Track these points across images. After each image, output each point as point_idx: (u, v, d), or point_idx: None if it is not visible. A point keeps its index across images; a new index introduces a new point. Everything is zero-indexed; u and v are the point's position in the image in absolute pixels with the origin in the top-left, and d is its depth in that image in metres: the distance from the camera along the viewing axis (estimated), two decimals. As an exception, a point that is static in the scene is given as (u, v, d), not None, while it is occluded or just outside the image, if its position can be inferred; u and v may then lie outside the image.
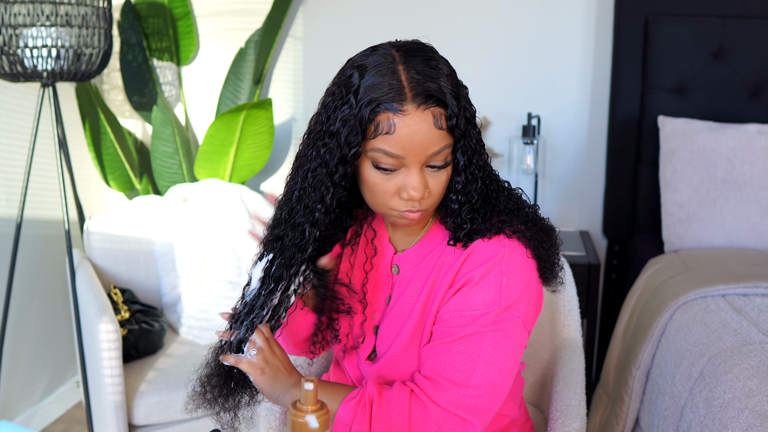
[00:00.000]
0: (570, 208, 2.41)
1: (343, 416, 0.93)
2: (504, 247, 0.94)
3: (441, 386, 0.91)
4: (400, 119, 0.86)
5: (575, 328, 1.41)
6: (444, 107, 0.88)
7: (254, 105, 2.11)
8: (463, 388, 0.90)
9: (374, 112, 0.87)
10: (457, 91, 0.90)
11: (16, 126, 2.16)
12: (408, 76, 0.87)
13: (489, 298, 0.92)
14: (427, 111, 0.87)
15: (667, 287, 1.72)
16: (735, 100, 2.16)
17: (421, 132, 0.87)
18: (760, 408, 1.15)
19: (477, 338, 0.92)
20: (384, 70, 0.88)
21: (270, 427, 1.13)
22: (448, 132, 0.89)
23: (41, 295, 2.29)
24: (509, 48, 2.35)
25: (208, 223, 2.12)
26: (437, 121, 0.87)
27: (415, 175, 0.89)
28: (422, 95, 0.86)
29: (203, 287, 2.09)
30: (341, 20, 2.43)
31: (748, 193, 1.95)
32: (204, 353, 0.99)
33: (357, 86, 0.89)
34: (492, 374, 0.91)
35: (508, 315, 0.92)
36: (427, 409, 0.91)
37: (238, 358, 0.94)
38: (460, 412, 0.90)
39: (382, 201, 0.93)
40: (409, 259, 1.03)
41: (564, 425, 1.11)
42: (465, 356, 0.91)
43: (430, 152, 0.89)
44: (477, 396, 0.90)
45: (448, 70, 0.91)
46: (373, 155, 0.89)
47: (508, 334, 0.93)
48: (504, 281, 0.93)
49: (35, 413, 2.26)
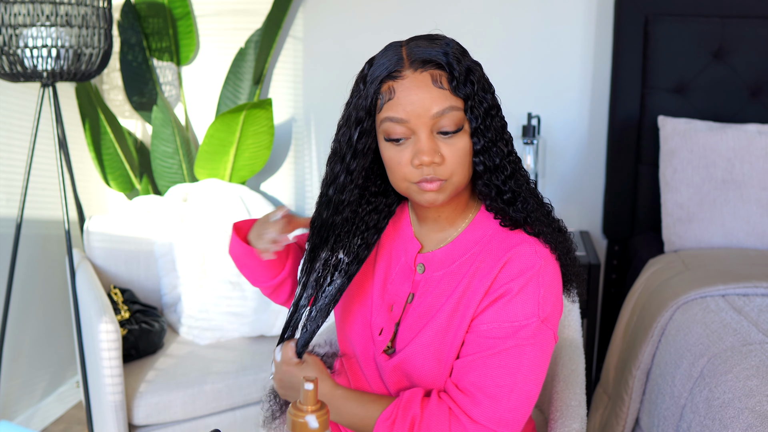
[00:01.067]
0: (570, 208, 2.41)
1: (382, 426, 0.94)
2: (540, 258, 0.95)
3: (479, 402, 0.92)
4: (399, 83, 0.91)
5: (575, 328, 1.41)
6: (444, 69, 0.91)
7: (254, 105, 2.11)
8: (502, 403, 0.92)
9: (379, 86, 0.92)
10: (460, 57, 0.92)
11: (16, 126, 2.16)
12: (408, 50, 0.93)
13: (528, 310, 0.93)
14: (425, 73, 0.91)
15: (667, 287, 1.72)
16: (735, 100, 2.15)
17: (419, 92, 0.90)
18: (760, 408, 1.15)
19: (517, 352, 0.93)
20: (388, 53, 0.94)
21: (270, 427, 1.13)
22: (452, 93, 0.91)
23: (41, 295, 2.29)
24: (509, 48, 2.35)
25: (208, 223, 2.12)
26: (436, 81, 0.90)
27: (423, 140, 0.91)
28: (419, 60, 0.91)
29: (203, 287, 2.09)
30: (341, 20, 2.43)
31: (748, 193, 1.95)
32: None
33: (366, 74, 0.95)
34: (528, 388, 0.93)
35: (544, 327, 0.94)
36: (466, 427, 0.92)
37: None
38: (498, 428, 0.91)
39: (400, 175, 0.95)
40: (438, 260, 1.02)
41: (564, 425, 1.11)
42: (505, 372, 0.92)
43: (434, 112, 0.90)
44: (513, 410, 0.92)
45: (455, 45, 0.94)
46: (384, 127, 0.93)
47: (544, 346, 0.94)
48: (541, 293, 0.94)
49: (35, 413, 2.26)
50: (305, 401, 0.72)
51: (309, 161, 2.55)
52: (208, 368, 1.88)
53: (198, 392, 1.80)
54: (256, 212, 2.23)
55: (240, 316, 2.06)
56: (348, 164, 0.97)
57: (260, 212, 2.23)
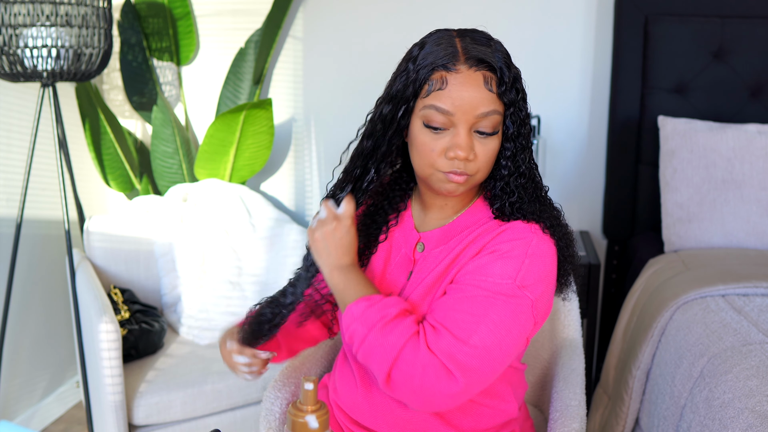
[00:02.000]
0: (570, 208, 2.41)
1: (352, 311, 0.97)
2: (533, 233, 0.97)
3: (440, 335, 0.92)
4: (453, 76, 0.94)
5: (575, 328, 1.41)
6: (495, 73, 0.94)
7: (254, 105, 2.11)
8: (460, 343, 0.91)
9: (429, 72, 0.95)
10: (509, 63, 0.96)
11: (16, 126, 2.16)
12: (463, 44, 0.95)
13: (507, 271, 0.94)
14: (479, 72, 0.94)
15: (667, 287, 1.72)
16: (735, 100, 2.15)
17: (471, 89, 0.93)
18: (760, 408, 1.15)
19: (486, 302, 0.93)
20: (441, 41, 0.96)
21: (270, 427, 1.13)
22: (498, 98, 0.95)
23: (41, 295, 2.29)
24: (509, 48, 2.34)
25: (208, 223, 2.12)
26: (487, 83, 0.94)
27: (462, 135, 0.95)
28: (474, 58, 0.94)
29: (203, 287, 2.09)
30: (341, 20, 2.43)
31: (748, 193, 1.95)
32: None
33: (416, 56, 0.97)
34: (491, 341, 0.92)
35: (521, 294, 0.94)
36: (419, 350, 0.92)
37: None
38: (450, 364, 0.90)
39: (429, 161, 0.98)
40: (437, 237, 1.06)
41: (564, 425, 1.11)
42: (470, 316, 0.93)
43: (479, 112, 0.94)
44: (470, 355, 0.91)
45: (504, 50, 0.98)
46: (425, 113, 0.96)
47: (517, 311, 0.94)
48: (526, 262, 0.95)
49: (35, 413, 2.26)
50: (305, 401, 0.72)
51: (309, 161, 2.55)
52: (208, 368, 1.88)
53: (198, 392, 1.80)
54: (256, 212, 2.23)
55: (240, 316, 2.06)
56: (390, 138, 1.00)
57: (260, 212, 2.23)
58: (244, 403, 1.88)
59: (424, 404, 0.93)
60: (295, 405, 0.73)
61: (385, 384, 0.93)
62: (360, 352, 0.96)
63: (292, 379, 1.25)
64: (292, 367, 1.28)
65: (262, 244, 2.17)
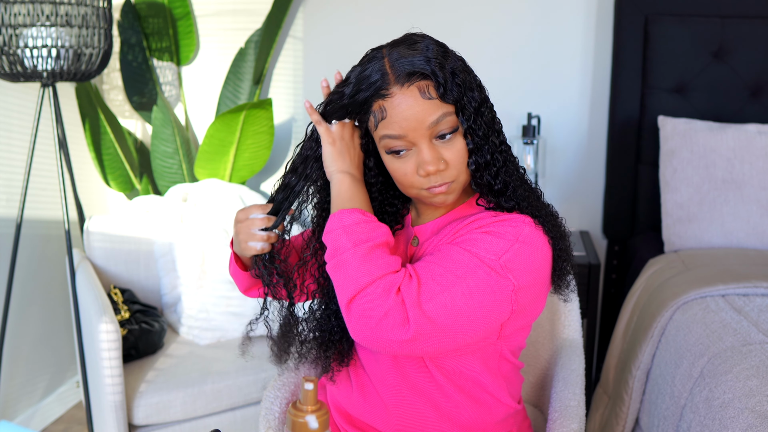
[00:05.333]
0: (570, 208, 2.41)
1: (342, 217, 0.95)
2: (526, 223, 0.96)
3: (413, 282, 0.90)
4: (389, 102, 0.93)
5: (575, 329, 1.41)
6: (429, 79, 0.92)
7: (254, 105, 2.11)
8: (429, 294, 0.89)
9: (367, 104, 0.94)
10: (443, 61, 0.93)
11: (16, 126, 2.16)
12: (390, 62, 0.94)
13: (494, 248, 0.93)
14: (412, 86, 0.92)
15: (667, 287, 1.72)
16: (735, 100, 2.15)
17: (410, 107, 0.92)
18: (760, 408, 1.15)
19: (469, 267, 0.91)
20: (371, 65, 0.95)
21: (269, 427, 1.13)
22: (441, 100, 0.93)
23: (41, 295, 2.29)
24: (509, 48, 2.35)
25: (208, 223, 2.12)
26: (424, 93, 0.92)
27: (425, 150, 0.94)
28: (404, 74, 0.92)
29: (203, 287, 2.09)
30: (341, 20, 2.43)
31: (748, 193, 1.95)
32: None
33: (351, 86, 0.96)
34: (461, 303, 0.89)
35: (503, 274, 0.92)
36: (390, 293, 0.89)
37: (320, 119, 1.01)
38: (411, 311, 0.88)
39: (408, 183, 0.98)
40: (431, 230, 1.06)
41: (563, 426, 1.11)
42: (450, 274, 0.91)
43: (428, 123, 0.93)
44: (434, 310, 0.89)
45: (435, 47, 0.95)
46: (383, 143, 0.96)
47: (495, 287, 0.91)
48: (515, 246, 0.93)
49: (35, 413, 2.26)
50: (305, 401, 0.72)
51: (309, 161, 2.55)
52: (208, 368, 1.88)
53: (198, 392, 1.80)
54: (256, 212, 2.22)
55: (240, 316, 2.06)
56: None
57: (260, 212, 2.22)
58: (244, 403, 1.88)
59: (371, 338, 0.90)
60: (295, 405, 0.73)
61: (346, 306, 0.91)
62: (333, 262, 0.93)
63: (292, 379, 1.26)
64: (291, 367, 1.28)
65: (262, 244, 2.17)
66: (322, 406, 0.73)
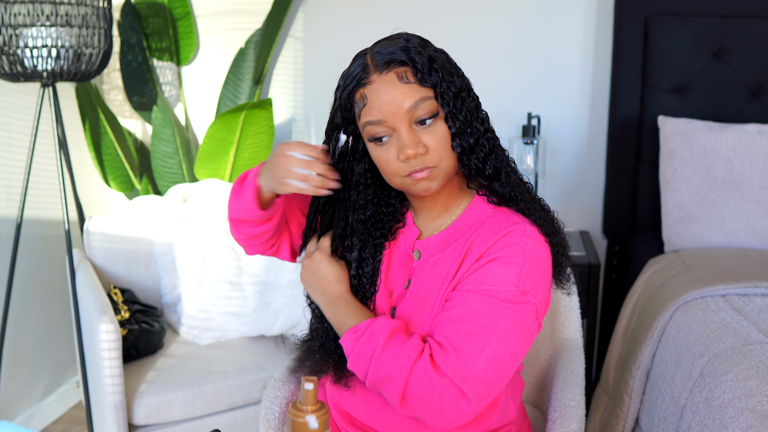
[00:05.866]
0: (570, 208, 2.41)
1: (345, 346, 0.99)
2: (529, 237, 0.97)
3: (448, 354, 0.91)
4: (368, 89, 0.96)
5: (575, 329, 1.41)
6: (407, 65, 0.95)
7: (254, 105, 2.11)
8: (471, 359, 0.90)
9: (351, 96, 0.98)
10: (420, 49, 0.96)
11: (16, 126, 2.16)
12: (371, 55, 0.98)
13: (509, 278, 0.94)
14: (390, 73, 0.95)
15: (667, 287, 1.72)
16: (735, 100, 2.15)
17: (389, 92, 0.94)
18: (760, 408, 1.15)
19: (494, 313, 0.92)
20: (355, 63, 0.99)
21: (269, 426, 1.13)
22: (420, 84, 0.95)
23: (41, 295, 2.29)
24: (509, 48, 2.35)
25: (208, 223, 2.12)
26: (402, 78, 0.94)
27: (404, 134, 0.95)
28: (382, 63, 0.95)
29: (203, 287, 2.09)
30: (341, 20, 2.43)
31: (748, 193, 1.95)
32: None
33: (340, 87, 1.01)
34: (503, 352, 0.92)
35: (524, 300, 0.94)
36: (428, 372, 0.91)
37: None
38: (462, 384, 0.90)
39: (392, 171, 0.98)
40: (433, 245, 1.05)
41: (562, 426, 1.11)
42: (480, 328, 0.92)
43: (407, 107, 0.94)
44: (482, 371, 0.90)
45: (415, 39, 0.98)
46: (366, 131, 0.98)
47: (523, 318, 0.94)
48: (526, 266, 0.95)
49: (35, 413, 2.26)
50: (305, 401, 0.72)
51: (309, 161, 2.55)
52: (208, 368, 1.88)
53: (198, 392, 1.80)
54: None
55: (240, 316, 2.06)
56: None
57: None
58: (244, 403, 1.88)
59: (441, 422, 0.93)
60: (295, 405, 0.73)
61: (404, 409, 0.93)
62: (369, 382, 0.96)
63: (292, 378, 1.25)
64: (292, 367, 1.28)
65: (262, 244, 2.17)
66: (322, 406, 0.73)
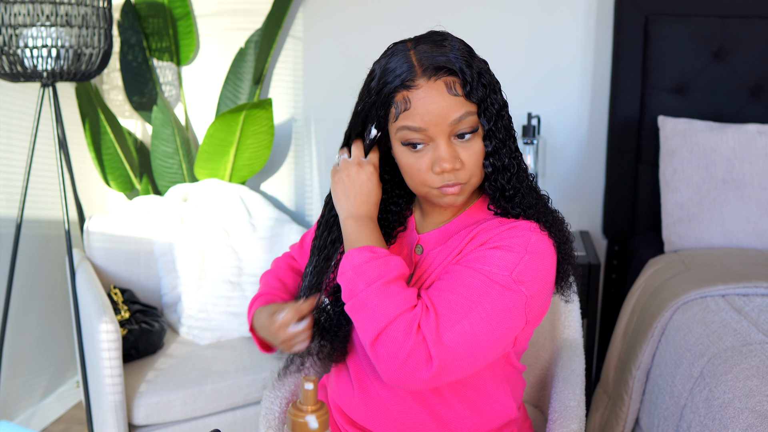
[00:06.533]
0: (570, 208, 2.41)
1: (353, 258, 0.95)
2: (533, 231, 0.96)
3: (430, 315, 0.90)
4: (414, 93, 0.92)
5: (575, 329, 1.41)
6: (456, 76, 0.92)
7: (254, 105, 2.11)
8: (448, 325, 0.89)
9: (391, 96, 0.93)
10: (470, 60, 0.93)
11: (16, 126, 2.16)
12: (417, 55, 0.93)
13: (505, 263, 0.93)
14: (439, 81, 0.91)
15: (667, 287, 1.72)
16: (735, 100, 2.15)
17: (435, 101, 0.91)
18: (760, 408, 1.15)
19: (482, 290, 0.91)
20: (397, 57, 0.94)
21: (269, 426, 1.13)
22: (466, 98, 0.92)
23: (41, 295, 2.29)
24: (509, 48, 2.35)
25: (208, 223, 2.12)
26: (451, 89, 0.91)
27: (443, 147, 0.93)
28: (431, 68, 0.92)
29: (203, 287, 2.09)
30: (341, 20, 2.43)
31: (748, 193, 1.95)
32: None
33: (376, 77, 0.96)
34: (479, 329, 0.90)
35: (516, 288, 0.92)
36: (411, 329, 0.89)
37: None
38: (432, 347, 0.88)
39: (420, 180, 0.97)
40: (435, 238, 1.05)
41: (562, 426, 1.11)
42: (464, 300, 0.91)
43: (451, 119, 0.92)
44: (455, 341, 0.89)
45: (461, 46, 0.95)
46: (401, 134, 0.95)
47: (510, 305, 0.92)
48: (525, 257, 0.94)
49: (35, 413, 2.26)
50: (305, 401, 0.72)
51: (309, 161, 2.55)
52: (208, 368, 1.88)
53: (198, 392, 1.80)
54: (256, 212, 2.23)
55: (240, 316, 2.06)
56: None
57: (260, 212, 2.23)
58: (244, 403, 1.88)
59: (397, 378, 0.90)
60: (295, 405, 0.73)
61: (370, 347, 0.91)
62: (350, 303, 0.94)
63: (292, 379, 1.25)
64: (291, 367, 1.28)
65: (262, 244, 2.17)
66: (322, 406, 0.73)
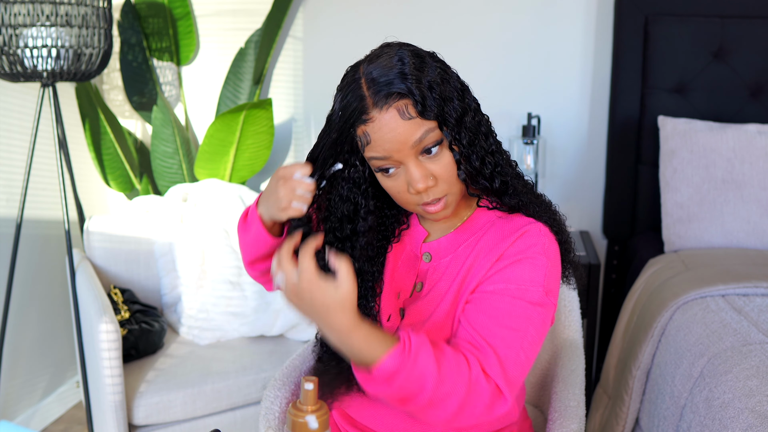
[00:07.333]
0: (570, 208, 2.41)
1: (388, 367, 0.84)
2: (546, 237, 0.97)
3: (491, 358, 0.90)
4: (370, 127, 0.91)
5: (575, 329, 1.41)
6: (407, 98, 0.90)
7: (254, 105, 2.11)
8: (510, 363, 0.90)
9: (352, 132, 0.93)
10: (419, 75, 0.90)
11: (16, 126, 2.16)
12: (368, 84, 0.91)
13: (536, 277, 0.95)
14: (391, 108, 0.90)
15: (667, 287, 1.72)
16: (735, 100, 2.15)
17: (391, 129, 0.90)
18: (760, 408, 1.15)
19: (526, 315, 0.93)
20: (350, 88, 0.92)
21: (269, 426, 1.13)
22: (422, 117, 0.90)
23: (41, 295, 2.29)
24: (509, 48, 2.35)
25: (208, 223, 2.12)
26: (404, 113, 0.90)
27: (412, 168, 0.93)
28: (382, 96, 0.90)
29: (203, 287, 2.09)
30: (341, 20, 2.43)
31: (748, 193, 1.95)
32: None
33: (336, 116, 0.94)
34: (530, 354, 0.93)
35: (548, 301, 0.95)
36: (484, 384, 0.88)
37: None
38: (503, 386, 0.89)
39: (404, 201, 0.97)
40: (444, 247, 1.05)
41: (563, 426, 1.11)
42: (514, 332, 0.92)
43: (411, 142, 0.91)
44: (518, 374, 0.91)
45: (411, 59, 0.91)
46: (371, 163, 0.95)
47: (545, 320, 0.95)
48: (549, 267, 0.96)
49: (35, 413, 2.26)
50: (305, 401, 0.72)
51: (309, 161, 2.55)
52: (208, 368, 1.88)
53: (198, 392, 1.80)
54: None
55: (240, 316, 2.06)
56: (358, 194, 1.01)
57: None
58: (244, 403, 1.88)
59: (478, 421, 0.90)
60: (295, 405, 0.73)
61: (451, 421, 0.89)
62: (418, 405, 0.87)
63: (292, 378, 1.25)
64: (292, 366, 1.28)
65: (262, 244, 2.17)
66: (322, 406, 0.73)
